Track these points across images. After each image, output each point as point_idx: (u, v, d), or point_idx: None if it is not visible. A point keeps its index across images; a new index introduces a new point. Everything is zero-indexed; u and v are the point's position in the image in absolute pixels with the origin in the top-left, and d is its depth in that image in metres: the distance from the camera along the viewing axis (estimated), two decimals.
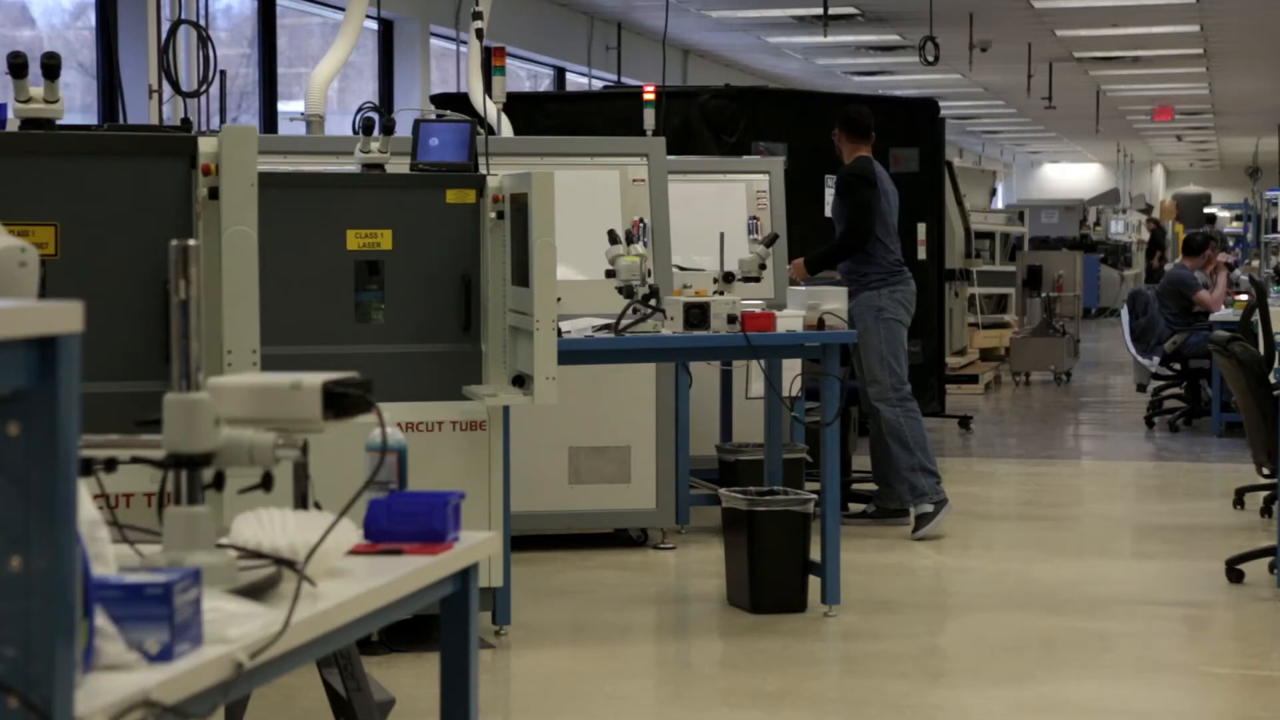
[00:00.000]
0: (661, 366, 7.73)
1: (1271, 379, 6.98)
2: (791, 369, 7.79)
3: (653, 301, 6.67)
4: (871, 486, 8.70)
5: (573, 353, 6.28)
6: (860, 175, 8.28)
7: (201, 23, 9.08)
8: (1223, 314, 12.63)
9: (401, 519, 2.88)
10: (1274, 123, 31.03)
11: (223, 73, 8.78)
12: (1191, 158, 45.70)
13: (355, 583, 2.63)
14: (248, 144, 4.90)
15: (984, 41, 19.50)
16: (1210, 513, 9.09)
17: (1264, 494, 8.82)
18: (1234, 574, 7.16)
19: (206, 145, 4.91)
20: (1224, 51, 22.06)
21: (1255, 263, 19.54)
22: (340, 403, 2.55)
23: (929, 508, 8.19)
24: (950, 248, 14.09)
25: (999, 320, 18.04)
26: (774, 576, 6.52)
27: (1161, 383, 13.87)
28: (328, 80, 8.63)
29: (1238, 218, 30.79)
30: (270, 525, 2.61)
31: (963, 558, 7.99)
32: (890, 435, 8.22)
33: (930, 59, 16.66)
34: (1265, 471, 7.24)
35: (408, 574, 2.74)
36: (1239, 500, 9.11)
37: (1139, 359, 13.96)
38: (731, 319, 6.56)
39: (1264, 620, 6.62)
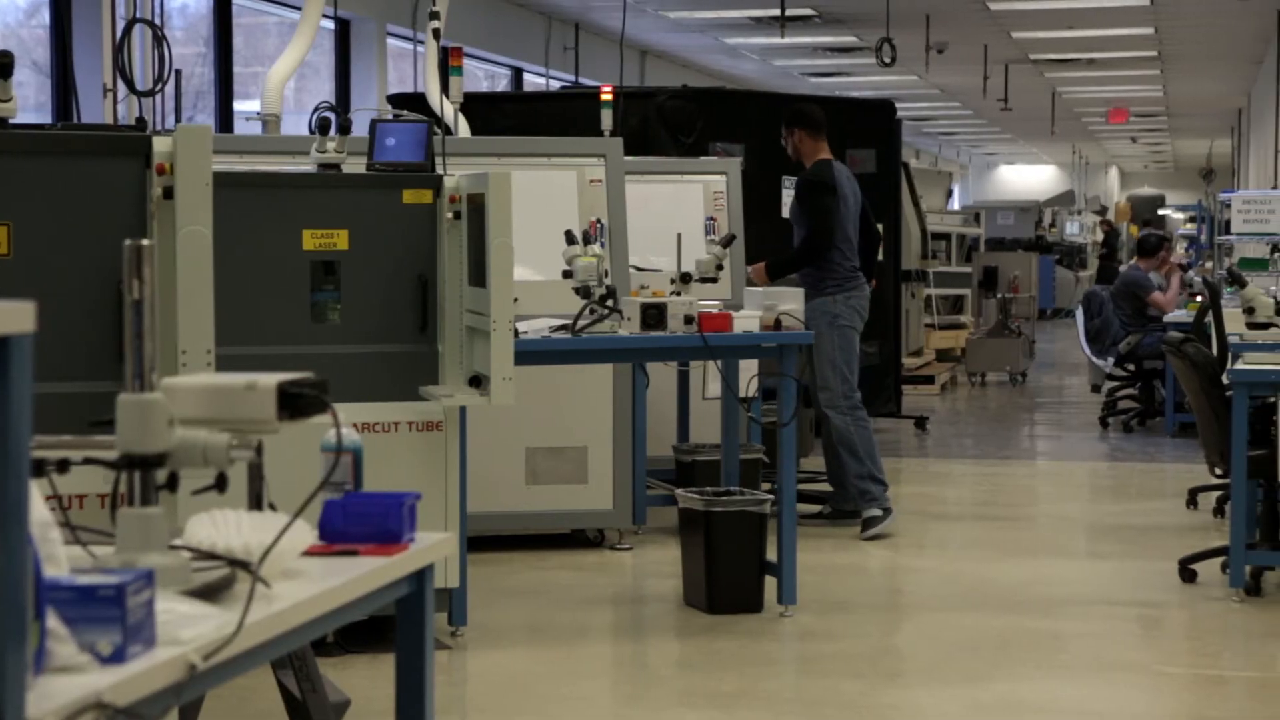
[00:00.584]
0: (618, 367, 7.73)
1: (1224, 379, 7.02)
2: (748, 369, 7.80)
3: (610, 302, 6.67)
4: (819, 487, 8.72)
5: (529, 353, 6.27)
6: (821, 182, 8.27)
7: (157, 21, 9.04)
8: (1176, 315, 12.71)
9: (357, 520, 2.88)
10: (1228, 125, 31.27)
11: (178, 72, 8.74)
12: (1146, 159, 45.97)
13: (310, 584, 2.62)
14: (203, 143, 4.88)
15: (940, 43, 19.58)
16: (1164, 513, 9.14)
17: (1216, 494, 8.87)
18: (1187, 574, 7.21)
19: (161, 145, 4.90)
20: (1178, 54, 22.20)
21: (1209, 264, 19.65)
22: (295, 403, 2.54)
23: (878, 512, 8.22)
24: (906, 249, 14.13)
25: (955, 321, 18.11)
26: (730, 577, 6.53)
27: (1116, 383, 13.94)
28: (284, 80, 8.60)
29: (1191, 219, 30.98)
30: (224, 526, 2.60)
31: (918, 558, 8.02)
32: (840, 443, 8.23)
33: (887, 60, 16.70)
34: (1218, 472, 7.29)
35: (363, 575, 2.73)
36: (1192, 500, 9.17)
37: (1094, 360, 14.03)
38: (688, 319, 6.56)
39: (1216, 620, 6.66)
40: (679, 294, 6.99)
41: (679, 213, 8.61)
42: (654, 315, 6.56)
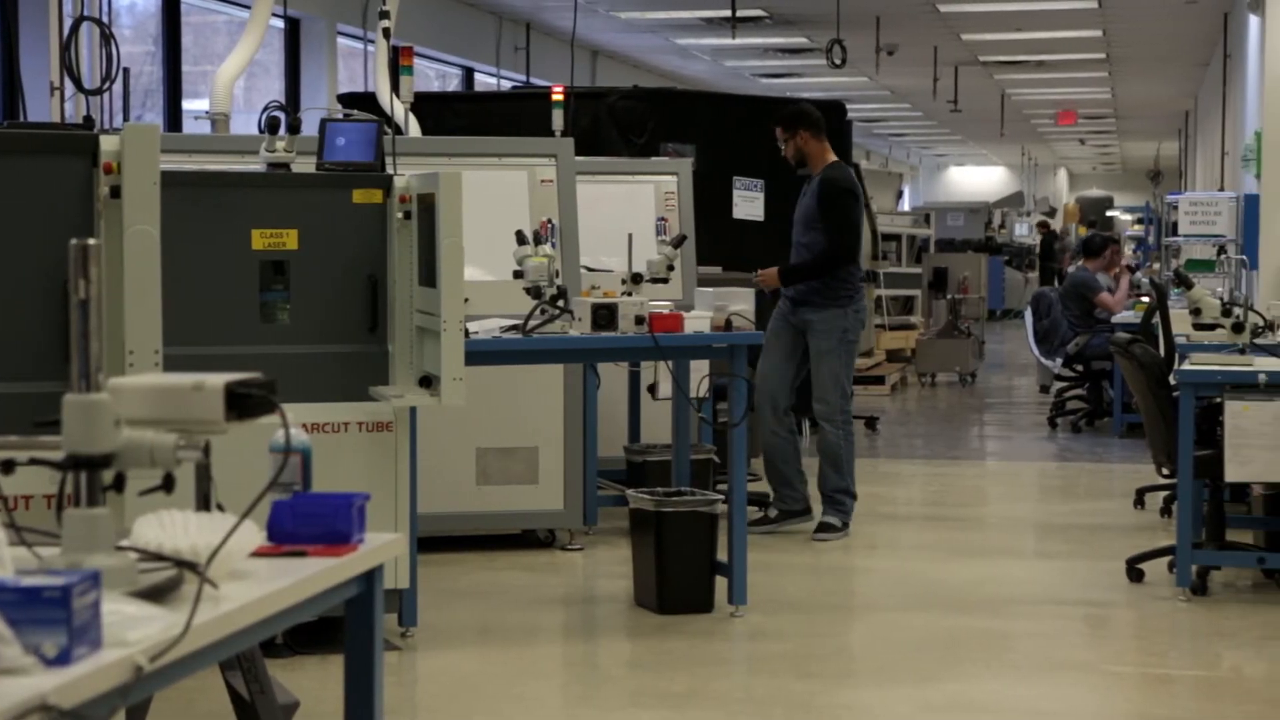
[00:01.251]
0: (569, 367, 7.72)
1: (1171, 380, 7.07)
2: (700, 370, 7.80)
3: (560, 302, 6.66)
4: (759, 489, 8.71)
5: (480, 353, 6.26)
6: (849, 190, 8.13)
7: (105, 19, 8.97)
8: (1124, 316, 12.78)
9: (306, 520, 2.87)
10: (1175, 127, 31.48)
11: (126, 70, 8.68)
12: (1094, 161, 46.25)
13: (258, 585, 2.61)
14: (150, 142, 4.85)
15: (890, 45, 19.64)
16: (1111, 512, 9.20)
17: (1164, 494, 8.93)
18: (1134, 573, 7.25)
19: (109, 143, 4.87)
20: (1126, 56, 22.34)
21: (1156, 265, 19.78)
22: (243, 403, 2.53)
23: (838, 524, 8.21)
24: None
25: (905, 322, 18.17)
26: (681, 577, 6.53)
27: (1064, 384, 14.02)
28: (233, 78, 8.57)
29: (1139, 221, 31.20)
30: (172, 527, 2.59)
31: (869, 558, 8.04)
32: (826, 455, 8.19)
33: (837, 62, 16.74)
34: (1165, 472, 7.33)
35: (311, 576, 2.72)
36: (1139, 500, 9.23)
37: (1042, 360, 14.10)
38: (639, 320, 6.56)
39: (1163, 619, 6.71)
40: (630, 294, 6.99)
41: (630, 213, 8.61)
42: (605, 316, 6.55)
